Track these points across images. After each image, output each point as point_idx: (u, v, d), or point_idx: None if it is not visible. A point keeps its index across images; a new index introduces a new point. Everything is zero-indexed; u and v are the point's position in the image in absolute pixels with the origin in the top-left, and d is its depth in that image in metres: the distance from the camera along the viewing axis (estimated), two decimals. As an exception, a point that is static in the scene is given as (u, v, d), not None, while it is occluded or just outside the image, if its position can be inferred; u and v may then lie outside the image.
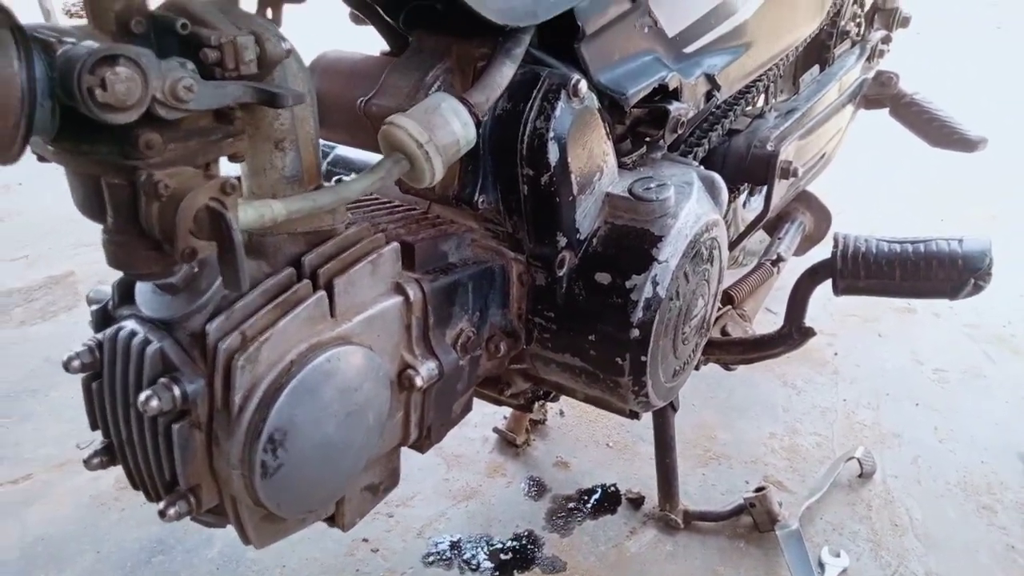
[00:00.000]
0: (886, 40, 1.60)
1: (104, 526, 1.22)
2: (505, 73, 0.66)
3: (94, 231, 0.53)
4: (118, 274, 0.57)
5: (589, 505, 1.30)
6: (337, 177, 0.89)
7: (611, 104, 0.81)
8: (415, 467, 1.31)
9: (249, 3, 0.71)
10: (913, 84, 1.67)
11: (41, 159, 0.51)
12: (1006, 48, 3.35)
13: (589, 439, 1.44)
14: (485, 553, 1.19)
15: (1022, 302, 1.90)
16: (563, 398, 1.03)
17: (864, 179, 2.26)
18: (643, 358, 0.78)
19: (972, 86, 2.98)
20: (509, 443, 1.40)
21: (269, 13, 0.71)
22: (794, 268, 1.31)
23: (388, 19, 0.78)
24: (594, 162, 0.77)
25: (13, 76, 0.41)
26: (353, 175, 0.90)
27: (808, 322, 1.03)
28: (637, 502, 1.30)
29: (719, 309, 1.15)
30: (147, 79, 0.44)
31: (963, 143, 1.36)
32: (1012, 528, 1.27)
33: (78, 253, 1.99)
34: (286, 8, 0.71)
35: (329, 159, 0.92)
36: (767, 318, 1.64)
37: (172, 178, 0.48)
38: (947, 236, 0.92)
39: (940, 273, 0.90)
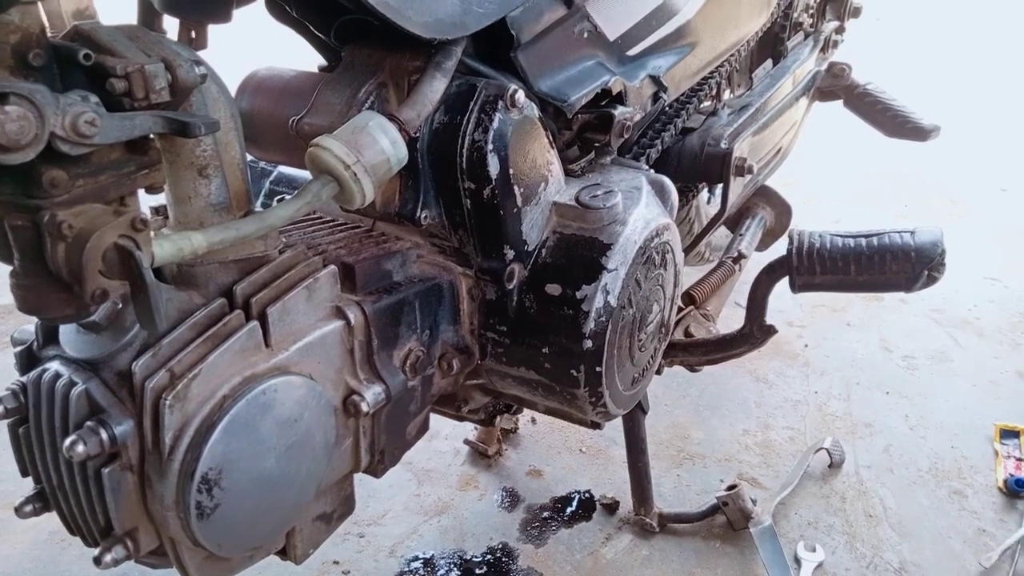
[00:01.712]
0: (839, 31, 1.61)
1: (64, 562, 1.19)
2: (436, 87, 0.65)
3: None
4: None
5: (564, 513, 1.29)
6: (279, 196, 0.87)
7: (555, 111, 0.79)
8: (385, 484, 1.29)
9: (172, 26, 0.69)
10: (873, 70, 1.69)
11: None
12: (963, 33, 3.41)
13: (562, 445, 1.43)
14: (459, 569, 1.17)
15: (986, 285, 1.93)
16: (528, 408, 1.02)
17: (827, 168, 2.27)
18: (598, 368, 0.76)
19: (932, 71, 3.02)
20: (481, 454, 1.38)
21: (193, 34, 0.69)
22: (760, 260, 1.32)
23: (319, 35, 0.76)
24: (538, 172, 0.76)
25: None
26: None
27: (778, 313, 1.02)
28: (612, 507, 1.29)
29: (681, 310, 1.14)
30: (43, 116, 0.42)
31: (916, 132, 1.37)
32: (983, 512, 1.28)
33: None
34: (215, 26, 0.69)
35: (272, 178, 0.90)
36: (736, 312, 1.65)
37: (78, 217, 0.46)
38: (899, 229, 0.92)
39: (894, 266, 0.90)
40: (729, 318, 1.45)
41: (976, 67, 3.07)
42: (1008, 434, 1.42)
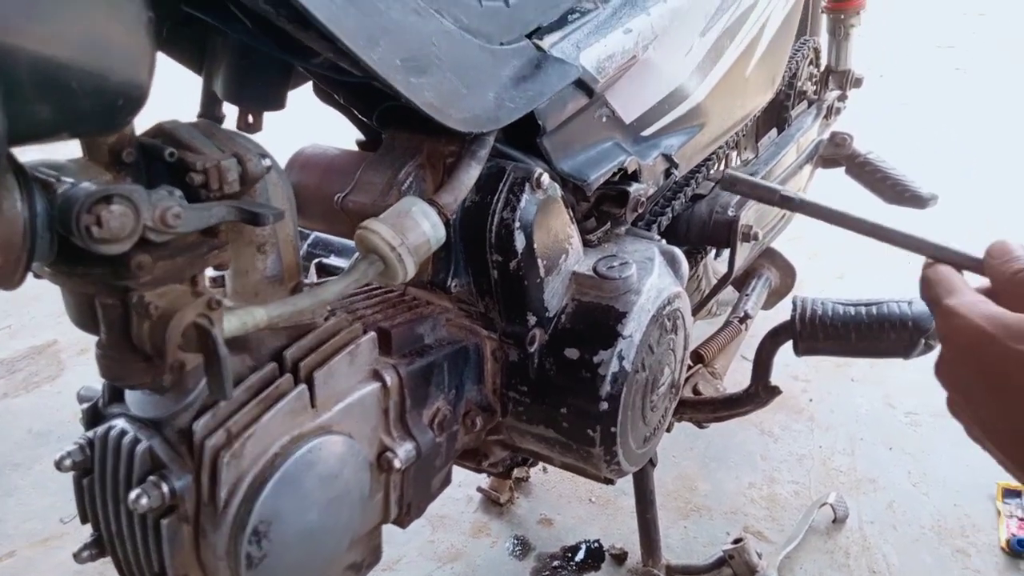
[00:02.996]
0: (842, 99, 1.69)
1: (90, 603, 1.22)
2: (472, 174, 0.71)
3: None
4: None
5: (573, 563, 1.32)
6: (317, 260, 0.94)
7: (575, 187, 0.86)
8: (399, 530, 1.32)
9: (230, 110, 0.77)
10: (876, 126, 1.76)
11: (36, 276, 0.55)
12: (967, 89, 3.51)
13: (572, 495, 1.47)
14: (471, 617, 1.20)
15: (988, 342, 1.96)
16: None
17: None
18: (613, 429, 0.81)
19: (935, 126, 3.10)
20: (493, 502, 1.42)
21: (250, 118, 0.76)
22: (765, 317, 1.37)
23: (362, 118, 0.83)
24: (559, 245, 0.82)
25: (17, 216, 0.46)
26: (332, 256, 0.95)
27: (784, 368, 1.07)
28: (620, 558, 1.32)
29: (690, 368, 1.19)
30: (139, 212, 0.49)
31: (915, 200, 1.43)
32: (986, 571, 1.31)
33: (60, 322, 2.01)
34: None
35: (309, 241, 0.96)
36: (743, 365, 1.69)
37: (161, 298, 0.52)
38: (898, 299, 0.97)
39: (892, 335, 0.95)
40: (735, 371, 1.50)
41: (979, 122, 3.15)
42: (1010, 493, 1.45)
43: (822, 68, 1.67)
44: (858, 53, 1.70)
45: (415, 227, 0.64)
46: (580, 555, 1.33)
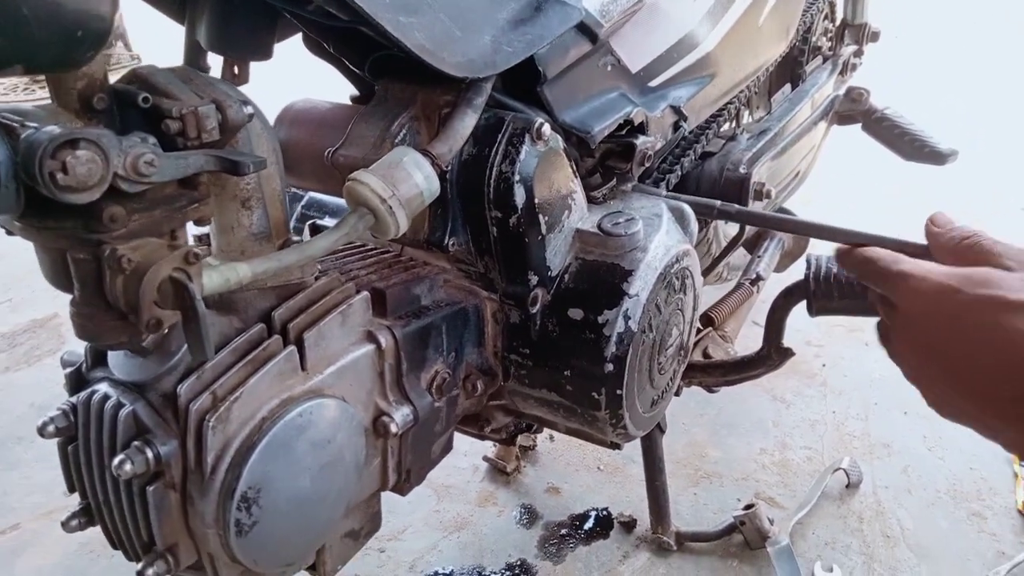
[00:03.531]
0: (858, 54, 1.62)
1: (93, 573, 1.22)
2: (467, 123, 0.67)
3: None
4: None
5: (581, 531, 1.30)
6: (311, 221, 0.90)
7: (579, 140, 0.82)
8: (405, 499, 1.30)
9: (215, 61, 0.73)
10: (892, 87, 1.70)
11: (9, 233, 0.52)
12: (983, 48, 3.40)
13: (580, 463, 1.45)
14: (478, 584, 1.19)
15: (1006, 305, 1.92)
16: (548, 427, 1.04)
17: (847, 186, 2.28)
18: (619, 391, 0.78)
19: (951, 87, 3.02)
20: (499, 471, 1.40)
21: (236, 69, 0.72)
22: (777, 280, 1.33)
23: (354, 69, 0.79)
24: (562, 201, 0.78)
25: (-25, 163, 0.43)
26: (326, 218, 0.92)
27: (796, 333, 1.03)
28: (629, 525, 1.30)
29: (700, 331, 1.16)
30: (108, 158, 0.45)
31: (934, 156, 1.38)
32: (1002, 534, 1.28)
33: (61, 295, 1.99)
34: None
35: (303, 202, 0.93)
36: (753, 331, 1.66)
37: (136, 251, 0.49)
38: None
39: (911, 292, 0.91)
40: (746, 337, 1.46)
41: (995, 84, 3.06)
42: (1028, 457, 1.42)
43: (837, 22, 1.60)
44: (874, 6, 1.63)
45: (407, 178, 0.60)
46: (588, 523, 1.31)
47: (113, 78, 0.53)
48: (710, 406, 1.58)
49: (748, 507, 1.24)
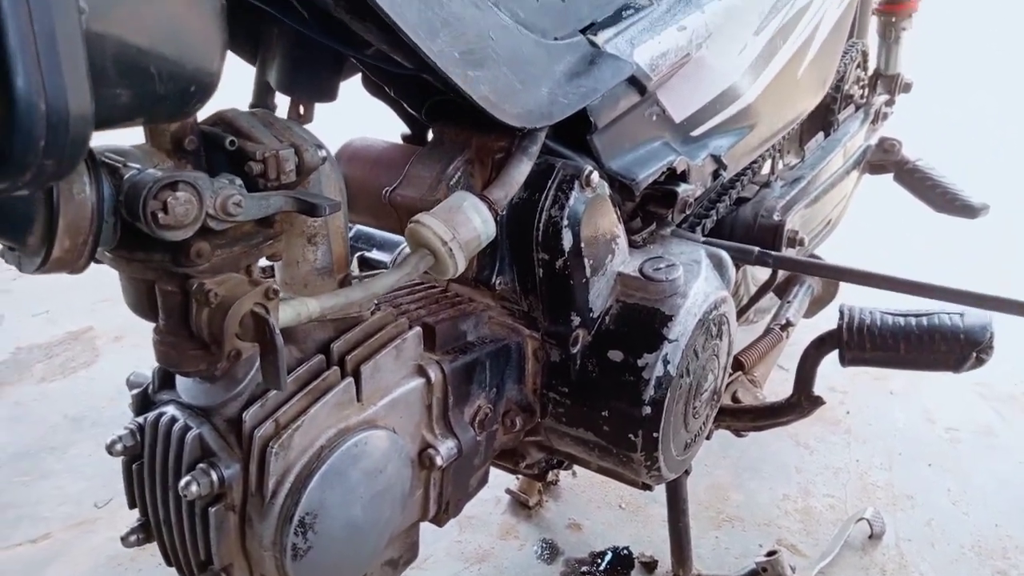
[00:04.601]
0: (889, 103, 1.65)
1: (124, 587, 1.24)
2: (523, 170, 0.71)
3: (113, 286, 0.56)
4: (134, 328, 0.60)
5: (601, 568, 1.30)
6: (359, 253, 0.94)
7: (622, 186, 0.85)
8: (428, 529, 1.31)
9: (282, 101, 0.77)
10: (920, 130, 1.71)
11: (98, 262, 0.56)
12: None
13: (602, 500, 1.45)
14: (499, 618, 1.19)
15: (1033, 360, 1.91)
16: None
17: (879, 234, 2.28)
18: (655, 434, 0.80)
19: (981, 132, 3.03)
20: (522, 504, 1.41)
21: (301, 109, 0.76)
22: (810, 325, 1.34)
23: (411, 111, 0.83)
24: (606, 245, 0.81)
25: (85, 200, 0.46)
26: (374, 251, 0.95)
27: (821, 379, 1.04)
28: (650, 566, 1.30)
29: (730, 375, 1.17)
30: (202, 199, 0.49)
31: (966, 209, 1.40)
32: (1029, 594, 1.27)
33: (97, 309, 2.04)
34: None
35: (351, 234, 0.96)
36: (779, 375, 1.66)
37: (221, 285, 0.52)
38: (949, 310, 0.95)
39: (943, 347, 0.92)
40: (772, 380, 1.47)
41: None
42: (1055, 515, 1.40)
43: (870, 72, 1.64)
44: (909, 52, 1.66)
45: (466, 222, 0.63)
46: (609, 561, 1.31)
47: None
48: (733, 448, 1.58)
49: (770, 554, 1.24)
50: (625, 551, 1.33)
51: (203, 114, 0.58)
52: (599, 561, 1.31)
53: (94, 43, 0.36)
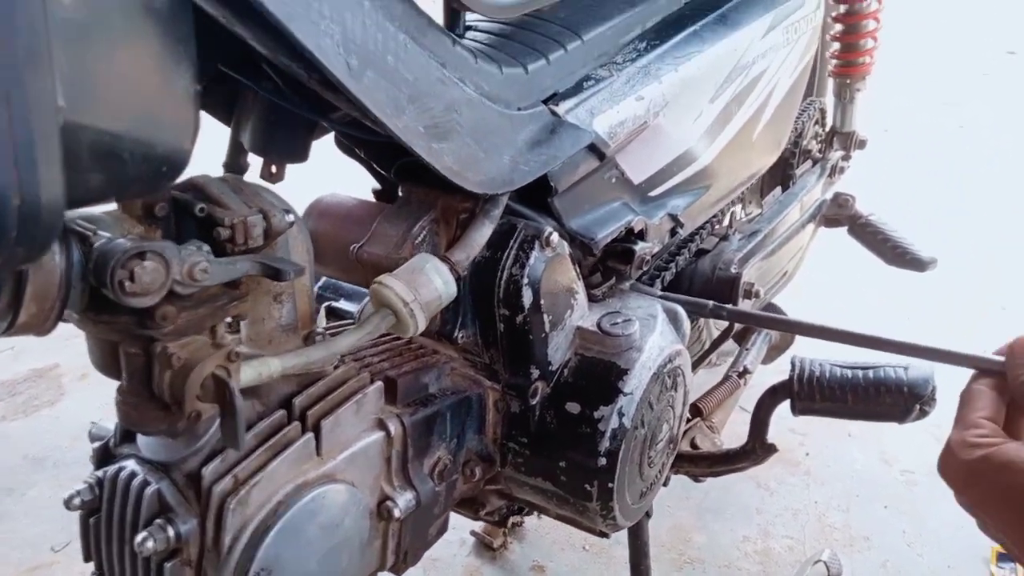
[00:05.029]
0: (845, 159, 1.72)
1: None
2: (484, 233, 0.74)
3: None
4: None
5: (564, 611, 1.31)
6: (327, 303, 0.96)
7: (583, 244, 0.88)
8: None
9: (255, 160, 0.80)
10: (880, 182, 1.78)
11: (64, 321, 0.57)
12: (968, 145, 3.56)
13: (566, 542, 1.47)
14: (460, 663, 1.19)
15: (985, 403, 1.97)
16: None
17: (836, 283, 2.35)
18: (610, 484, 0.83)
19: (938, 182, 3.15)
20: (486, 546, 1.42)
21: (274, 168, 0.79)
22: (768, 370, 1.38)
23: (380, 171, 0.86)
24: (565, 301, 0.84)
25: (55, 268, 0.48)
26: (341, 300, 0.97)
27: (781, 420, 1.08)
28: (612, 608, 1.32)
29: (688, 421, 1.20)
30: (169, 267, 0.51)
31: (915, 263, 1.46)
32: (978, 637, 1.30)
33: (65, 346, 2.02)
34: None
35: (320, 284, 0.98)
36: (743, 416, 1.70)
37: (183, 348, 0.54)
38: (894, 364, 0.99)
39: (888, 399, 0.96)
40: (735, 422, 1.51)
41: (981, 176, 3.20)
42: (1004, 557, 1.45)
43: (827, 128, 1.71)
44: (863, 112, 1.74)
45: (428, 283, 0.66)
46: (572, 603, 1.33)
47: None
48: (696, 490, 1.61)
49: (730, 597, 1.26)
50: (588, 594, 1.35)
51: (174, 178, 0.61)
52: (561, 604, 1.33)
53: (70, 135, 0.39)
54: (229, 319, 0.67)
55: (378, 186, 0.95)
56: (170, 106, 0.44)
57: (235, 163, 0.78)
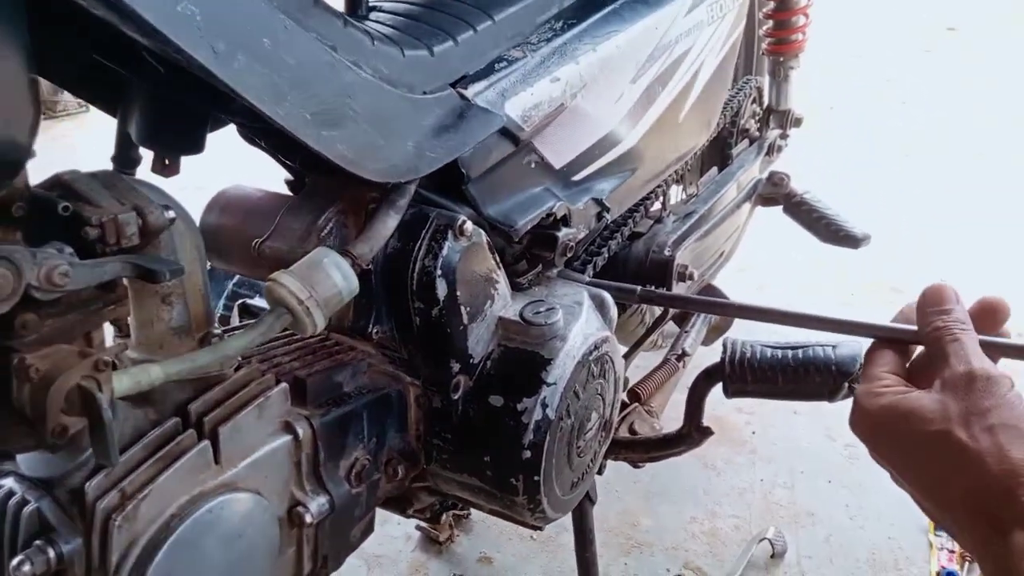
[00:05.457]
0: (783, 137, 1.73)
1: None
2: (389, 224, 0.71)
3: None
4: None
5: (511, 602, 1.30)
6: (241, 300, 0.92)
7: (502, 232, 0.86)
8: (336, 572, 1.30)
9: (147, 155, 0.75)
10: (825, 159, 1.80)
11: (-83, 333, 0.53)
12: (910, 120, 3.63)
13: (513, 532, 1.45)
14: (404, 661, 1.17)
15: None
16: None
17: (782, 255, 2.38)
18: (536, 477, 0.81)
19: (882, 158, 3.20)
20: (432, 540, 1.40)
21: (167, 161, 0.75)
22: (707, 352, 1.38)
23: (286, 161, 0.82)
24: (484, 292, 0.82)
25: None
26: (257, 297, 0.93)
27: (727, 400, 1.07)
28: (559, 597, 1.31)
29: (626, 406, 1.19)
30: (20, 272, 0.47)
31: (848, 240, 1.47)
32: (917, 604, 1.33)
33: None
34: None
35: (234, 281, 0.94)
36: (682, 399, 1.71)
37: (44, 359, 0.50)
38: (823, 342, 0.99)
39: (817, 378, 0.96)
40: (678, 404, 1.51)
41: (925, 151, 3.27)
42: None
43: (764, 107, 1.71)
44: (806, 86, 1.74)
45: (325, 279, 0.63)
46: (519, 594, 1.32)
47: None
48: (643, 473, 1.61)
49: (675, 578, 1.26)
50: (535, 583, 1.34)
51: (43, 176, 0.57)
52: (509, 595, 1.32)
53: None
54: (115, 325, 0.64)
55: (290, 177, 0.91)
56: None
57: (125, 156, 0.74)
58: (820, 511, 1.54)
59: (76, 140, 3.55)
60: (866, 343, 0.99)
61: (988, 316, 0.65)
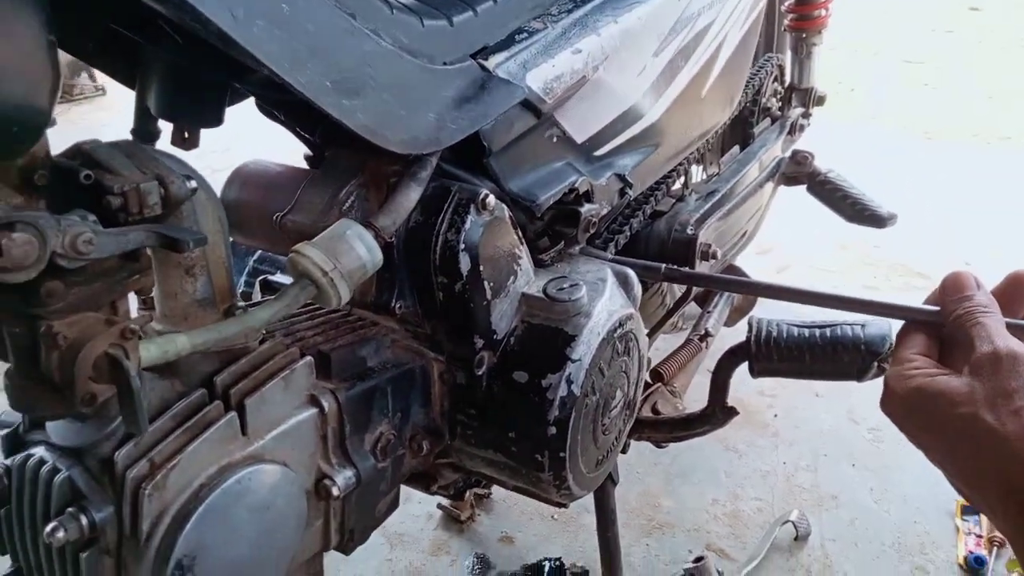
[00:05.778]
0: (805, 116, 1.70)
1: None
2: (411, 196, 0.70)
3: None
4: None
5: (533, 582, 1.30)
6: (263, 276, 0.92)
7: (524, 207, 0.85)
8: (358, 549, 1.31)
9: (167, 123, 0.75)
10: (845, 140, 1.77)
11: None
12: (934, 103, 3.56)
13: (534, 511, 1.45)
14: (427, 639, 1.18)
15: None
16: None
17: (805, 237, 2.35)
18: (561, 454, 0.80)
19: (904, 140, 3.15)
20: (454, 519, 1.40)
21: (186, 134, 0.74)
22: (730, 333, 1.36)
23: (305, 135, 0.82)
24: (507, 267, 0.81)
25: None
26: (278, 274, 0.93)
27: (749, 382, 1.06)
28: (581, 577, 1.31)
29: (649, 386, 1.18)
30: (46, 239, 0.47)
31: (874, 219, 1.45)
32: (943, 588, 1.31)
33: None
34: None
35: (255, 257, 0.94)
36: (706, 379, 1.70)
37: (72, 327, 0.50)
38: (851, 321, 0.97)
39: (845, 357, 0.95)
40: (698, 386, 1.50)
41: (949, 133, 3.20)
42: (969, 510, 1.46)
43: (786, 85, 1.68)
44: (826, 68, 1.71)
45: (349, 251, 0.63)
46: (541, 573, 1.32)
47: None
48: (665, 455, 1.60)
49: (698, 560, 1.26)
50: (557, 562, 1.33)
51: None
52: (531, 573, 1.31)
53: None
54: (139, 296, 0.64)
55: (309, 152, 0.91)
56: (16, 58, 0.39)
57: (143, 129, 0.73)
58: (844, 494, 1.53)
59: (93, 121, 3.59)
60: (895, 323, 0.98)
61: (1018, 290, 0.64)
